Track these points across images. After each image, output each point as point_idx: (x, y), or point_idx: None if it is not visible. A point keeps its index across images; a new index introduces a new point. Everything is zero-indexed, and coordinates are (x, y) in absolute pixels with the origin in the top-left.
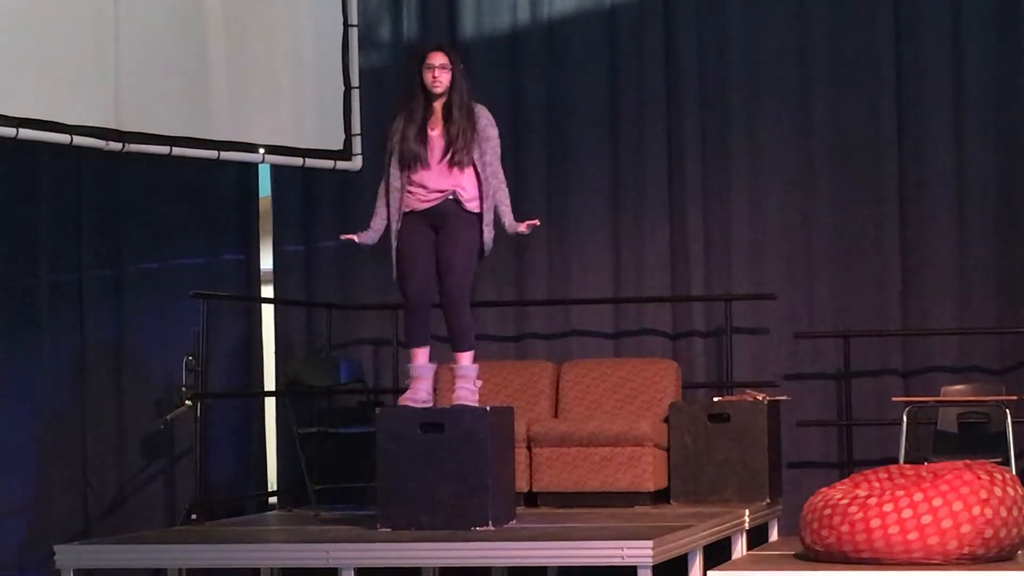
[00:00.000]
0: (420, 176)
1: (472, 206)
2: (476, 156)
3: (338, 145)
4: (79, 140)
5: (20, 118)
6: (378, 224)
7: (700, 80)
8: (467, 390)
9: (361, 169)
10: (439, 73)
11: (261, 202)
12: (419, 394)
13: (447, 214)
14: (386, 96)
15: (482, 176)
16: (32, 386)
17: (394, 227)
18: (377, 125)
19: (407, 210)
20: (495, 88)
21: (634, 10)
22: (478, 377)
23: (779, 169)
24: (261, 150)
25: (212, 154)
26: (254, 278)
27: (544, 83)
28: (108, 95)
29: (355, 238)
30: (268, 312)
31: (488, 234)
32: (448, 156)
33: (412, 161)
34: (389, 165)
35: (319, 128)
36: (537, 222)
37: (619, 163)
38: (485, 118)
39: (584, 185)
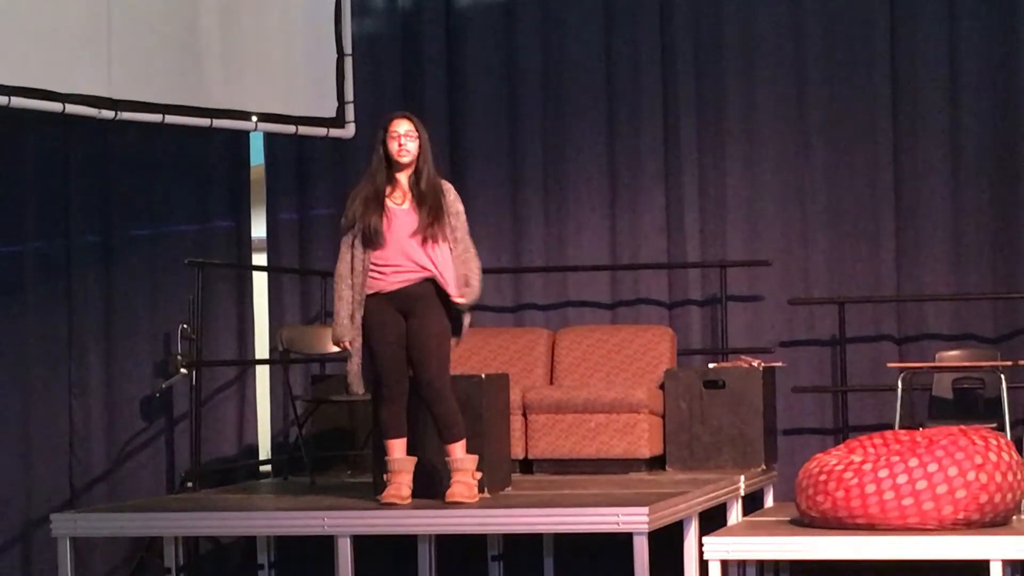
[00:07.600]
0: (386, 255)
1: (446, 285)
2: (448, 232)
3: (331, 113)
4: (71, 108)
5: (12, 86)
6: (349, 313)
7: (695, 47)
8: (463, 484)
9: (354, 136)
10: (405, 141)
11: (253, 170)
12: (402, 490)
13: (420, 296)
14: (380, 63)
15: (454, 253)
16: (17, 354)
17: (357, 313)
18: (370, 93)
19: (371, 292)
20: (491, 55)
21: None
22: (478, 468)
23: (774, 136)
24: (254, 118)
25: (205, 122)
26: (245, 246)
27: (540, 50)
28: (100, 63)
29: (348, 346)
30: (260, 280)
31: (466, 319)
32: (421, 232)
33: (376, 239)
34: (350, 244)
35: (312, 96)
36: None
37: (614, 131)
38: (452, 193)
39: (580, 153)
